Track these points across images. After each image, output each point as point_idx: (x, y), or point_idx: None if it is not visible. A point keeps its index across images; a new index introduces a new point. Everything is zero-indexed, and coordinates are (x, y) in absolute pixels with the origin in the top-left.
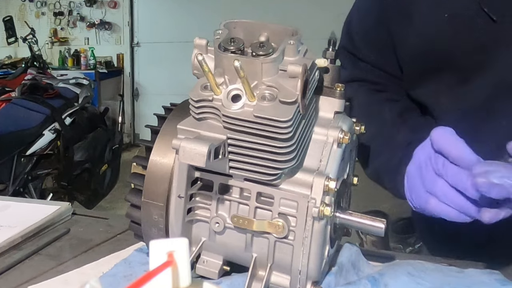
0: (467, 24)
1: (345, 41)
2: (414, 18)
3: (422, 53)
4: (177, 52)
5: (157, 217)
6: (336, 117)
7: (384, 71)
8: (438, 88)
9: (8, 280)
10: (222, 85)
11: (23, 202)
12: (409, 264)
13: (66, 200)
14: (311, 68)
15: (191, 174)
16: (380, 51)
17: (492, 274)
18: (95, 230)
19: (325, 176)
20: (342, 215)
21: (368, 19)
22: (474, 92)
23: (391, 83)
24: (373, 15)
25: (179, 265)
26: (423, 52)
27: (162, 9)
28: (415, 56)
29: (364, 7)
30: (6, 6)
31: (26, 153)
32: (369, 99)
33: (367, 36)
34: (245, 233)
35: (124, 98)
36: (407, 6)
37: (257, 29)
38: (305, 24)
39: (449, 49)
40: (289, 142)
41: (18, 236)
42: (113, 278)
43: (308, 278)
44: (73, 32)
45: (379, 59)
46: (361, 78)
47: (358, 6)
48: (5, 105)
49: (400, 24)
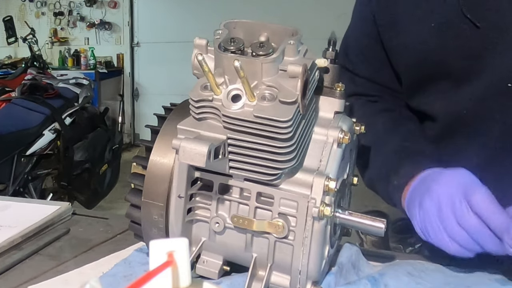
0: (454, 32)
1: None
2: (404, 31)
3: (415, 64)
4: (177, 52)
5: (157, 217)
6: (336, 117)
7: (380, 84)
8: (433, 95)
9: (8, 280)
10: (222, 85)
11: (23, 202)
12: (409, 264)
13: (66, 200)
14: (311, 68)
15: (191, 174)
16: (375, 66)
17: (492, 274)
18: (95, 230)
19: (325, 176)
20: (342, 215)
21: (362, 36)
22: (467, 97)
23: (387, 95)
24: (366, 33)
25: (179, 265)
26: (415, 63)
27: (162, 9)
28: (409, 67)
29: (358, 26)
30: (6, 6)
31: (26, 153)
32: (364, 110)
33: (362, 53)
34: (245, 233)
35: (124, 98)
36: (396, 20)
37: (257, 29)
38: (305, 24)
39: (440, 58)
40: (289, 142)
41: (18, 236)
42: (113, 278)
43: (308, 278)
44: (73, 32)
45: (374, 73)
46: (358, 93)
47: (352, 25)
48: (5, 105)
49: (391, 38)
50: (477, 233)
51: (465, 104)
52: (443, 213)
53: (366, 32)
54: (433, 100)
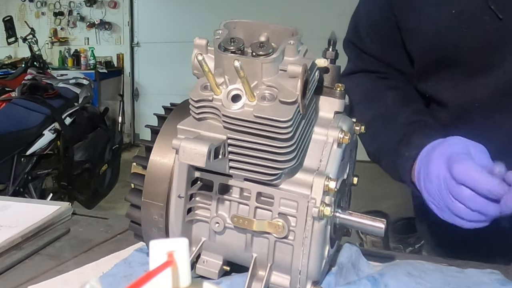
0: (474, 21)
1: (351, 33)
2: (422, 14)
3: (430, 48)
4: (177, 52)
5: (157, 217)
6: (336, 117)
7: (387, 64)
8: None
9: (8, 280)
10: (222, 85)
11: (23, 202)
12: (409, 264)
13: (66, 200)
14: (311, 68)
15: (191, 174)
16: (385, 45)
17: (492, 274)
18: (95, 230)
19: (325, 176)
20: (342, 215)
21: (374, 13)
22: (478, 89)
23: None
24: (379, 9)
25: (179, 265)
26: (430, 47)
27: (162, 9)
28: (423, 51)
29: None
30: (6, 6)
31: (26, 153)
32: (373, 85)
33: (373, 30)
34: (245, 233)
35: (124, 98)
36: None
37: (257, 29)
38: (305, 24)
39: (455, 45)
40: (289, 142)
41: (18, 236)
42: (113, 278)
43: (308, 278)
44: (73, 32)
45: (384, 53)
46: (365, 69)
47: None
48: (5, 105)
49: (407, 19)
50: (471, 202)
51: (477, 96)
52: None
53: (379, 8)
54: (444, 87)
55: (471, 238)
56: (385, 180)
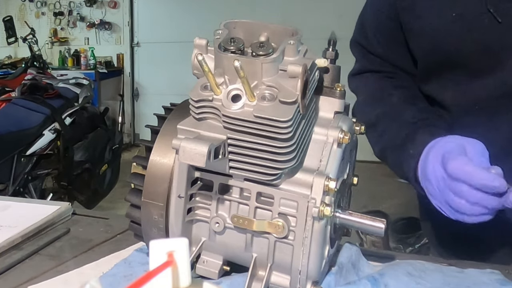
0: (474, 24)
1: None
2: (423, 16)
3: (431, 50)
4: (177, 52)
5: (157, 217)
6: (336, 117)
7: (393, 65)
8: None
9: (8, 280)
10: (222, 85)
11: (23, 202)
12: (409, 264)
13: (66, 200)
14: (311, 68)
15: (191, 174)
16: (391, 46)
17: (492, 274)
18: (95, 230)
19: (325, 176)
20: (342, 215)
21: (380, 14)
22: (479, 90)
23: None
24: (384, 10)
25: (179, 265)
26: (431, 49)
27: (162, 9)
28: (425, 52)
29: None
30: (6, 6)
31: (26, 153)
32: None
33: (379, 31)
34: (245, 233)
35: (124, 98)
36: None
37: (257, 29)
38: (305, 24)
39: (455, 48)
40: (289, 142)
41: (18, 236)
42: (113, 278)
43: (308, 278)
44: (73, 32)
45: (389, 53)
46: (372, 69)
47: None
48: (5, 105)
49: (409, 21)
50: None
51: (478, 97)
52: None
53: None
54: (445, 88)
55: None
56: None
